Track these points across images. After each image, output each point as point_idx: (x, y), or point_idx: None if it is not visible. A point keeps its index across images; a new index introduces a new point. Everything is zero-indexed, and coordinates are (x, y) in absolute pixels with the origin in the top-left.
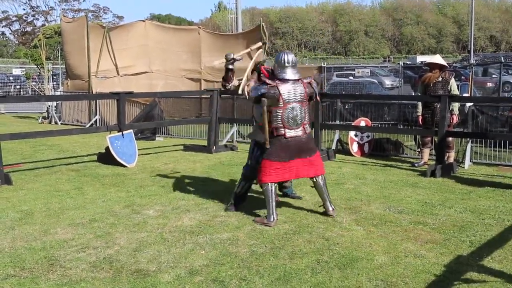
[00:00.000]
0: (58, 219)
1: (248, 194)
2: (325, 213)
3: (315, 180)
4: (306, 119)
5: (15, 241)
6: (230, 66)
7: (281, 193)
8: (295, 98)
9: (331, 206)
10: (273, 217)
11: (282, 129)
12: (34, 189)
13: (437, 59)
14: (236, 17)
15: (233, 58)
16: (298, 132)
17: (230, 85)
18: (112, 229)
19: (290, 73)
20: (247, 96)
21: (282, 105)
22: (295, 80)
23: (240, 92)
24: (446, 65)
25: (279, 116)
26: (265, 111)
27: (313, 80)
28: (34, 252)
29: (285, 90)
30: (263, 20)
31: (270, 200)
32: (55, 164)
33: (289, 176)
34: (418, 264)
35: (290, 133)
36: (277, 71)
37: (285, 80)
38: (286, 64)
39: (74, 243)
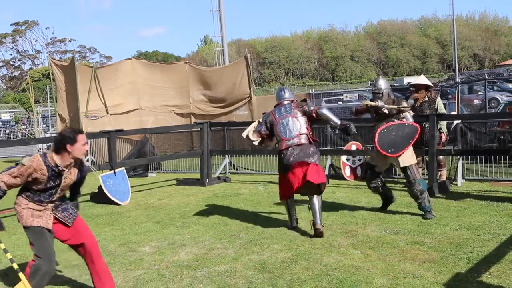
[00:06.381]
0: None
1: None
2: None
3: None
4: (302, 131)
5: None
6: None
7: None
8: (286, 113)
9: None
10: (291, 223)
11: (281, 142)
12: None
13: (422, 79)
14: (223, 49)
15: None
16: (294, 141)
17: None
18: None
19: (284, 99)
20: (259, 139)
21: (276, 121)
22: (288, 102)
23: (245, 136)
24: (431, 85)
25: (276, 129)
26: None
27: (305, 105)
28: None
29: (277, 109)
30: (249, 51)
31: (289, 211)
32: None
33: (298, 182)
34: (417, 284)
35: (287, 143)
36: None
37: (279, 103)
38: (284, 97)
39: (70, 285)
